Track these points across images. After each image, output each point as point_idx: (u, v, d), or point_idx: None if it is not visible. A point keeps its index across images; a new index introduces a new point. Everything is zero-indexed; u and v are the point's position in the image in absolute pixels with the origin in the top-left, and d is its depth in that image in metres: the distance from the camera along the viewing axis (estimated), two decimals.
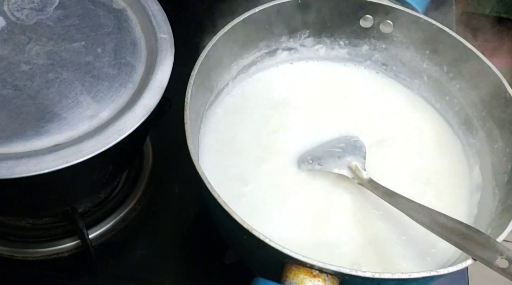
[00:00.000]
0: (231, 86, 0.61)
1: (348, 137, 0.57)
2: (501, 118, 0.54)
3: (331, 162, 0.53)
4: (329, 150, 0.55)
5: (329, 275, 0.39)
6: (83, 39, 0.48)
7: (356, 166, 0.53)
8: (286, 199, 0.52)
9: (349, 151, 0.54)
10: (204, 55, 0.51)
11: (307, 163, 0.54)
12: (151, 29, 0.50)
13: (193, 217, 0.62)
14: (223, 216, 0.41)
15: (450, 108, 0.61)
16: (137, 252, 0.58)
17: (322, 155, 0.54)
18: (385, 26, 0.61)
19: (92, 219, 0.58)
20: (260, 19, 0.57)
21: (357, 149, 0.55)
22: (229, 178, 0.53)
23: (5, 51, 0.46)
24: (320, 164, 0.53)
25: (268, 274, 0.40)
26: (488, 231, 0.48)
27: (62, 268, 0.56)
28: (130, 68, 0.48)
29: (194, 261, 0.59)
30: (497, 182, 0.52)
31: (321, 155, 0.54)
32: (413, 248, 0.50)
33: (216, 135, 0.57)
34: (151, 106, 0.45)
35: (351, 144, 0.56)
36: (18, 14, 0.49)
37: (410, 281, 0.40)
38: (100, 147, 0.41)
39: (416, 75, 0.63)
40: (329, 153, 0.55)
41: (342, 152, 0.54)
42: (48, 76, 0.45)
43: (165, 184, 0.64)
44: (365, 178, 0.52)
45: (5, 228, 0.57)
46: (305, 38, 0.63)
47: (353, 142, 0.56)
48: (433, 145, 0.59)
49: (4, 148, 0.40)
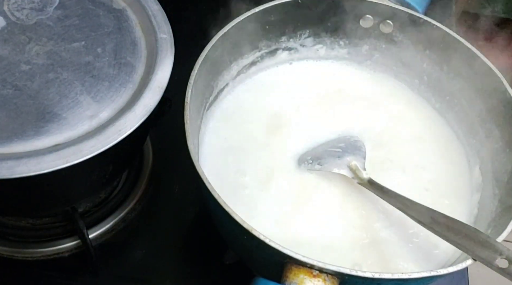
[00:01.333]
0: (231, 86, 0.61)
1: (348, 137, 0.57)
2: (501, 119, 0.54)
3: (331, 161, 0.53)
4: (329, 150, 0.55)
5: (329, 275, 0.39)
6: (83, 39, 0.48)
7: (356, 166, 0.53)
8: (286, 200, 0.52)
9: (349, 150, 0.54)
10: (204, 55, 0.51)
11: (306, 163, 0.54)
12: (151, 29, 0.50)
13: (193, 217, 0.62)
14: (223, 216, 0.41)
15: (450, 108, 0.61)
16: (137, 252, 0.58)
17: (322, 154, 0.55)
18: (385, 26, 0.61)
19: (92, 219, 0.58)
20: (260, 19, 0.57)
21: (357, 148, 0.55)
22: (229, 178, 0.53)
23: (5, 51, 0.46)
24: (320, 163, 0.53)
25: (268, 274, 0.40)
26: (488, 231, 0.48)
27: (62, 268, 0.56)
28: (130, 68, 0.48)
29: (194, 261, 0.59)
30: (497, 182, 0.52)
31: (321, 154, 0.55)
32: (414, 249, 0.50)
33: (216, 135, 0.57)
34: (151, 106, 0.45)
35: (351, 144, 0.56)
36: (18, 14, 0.49)
37: (410, 281, 0.40)
38: (100, 147, 0.41)
39: (416, 75, 0.63)
40: (329, 152, 0.55)
41: (342, 152, 0.54)
42: (48, 76, 0.45)
43: (165, 184, 0.64)
44: (364, 177, 0.52)
45: (5, 228, 0.57)
46: (305, 38, 0.63)
47: (353, 142, 0.56)
48: (433, 145, 0.59)
49: (4, 148, 0.40)
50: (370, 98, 0.62)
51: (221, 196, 0.41)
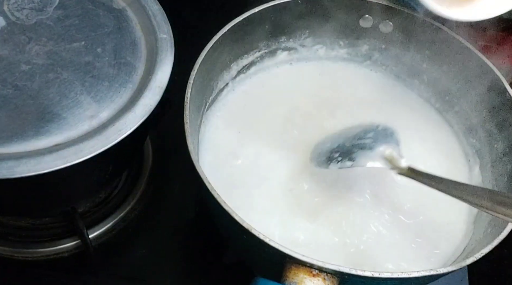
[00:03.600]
0: (231, 86, 0.61)
1: (375, 126, 0.53)
2: (501, 118, 0.54)
3: (362, 155, 0.49)
4: (357, 143, 0.51)
5: (329, 275, 0.39)
6: (83, 39, 0.48)
7: (392, 155, 0.48)
8: (286, 200, 0.52)
9: (380, 139, 0.50)
10: (204, 55, 0.51)
11: (335, 161, 0.50)
12: (151, 29, 0.50)
13: (193, 217, 0.62)
14: (223, 216, 0.41)
15: (450, 108, 0.61)
16: (137, 252, 0.58)
17: (351, 148, 0.50)
18: (385, 26, 0.61)
19: (92, 219, 0.58)
20: (260, 19, 0.57)
21: (388, 136, 0.50)
22: (229, 178, 0.53)
23: (5, 51, 0.46)
24: (352, 159, 0.49)
25: (268, 274, 0.40)
26: (488, 230, 0.48)
27: (62, 268, 0.56)
28: (130, 68, 0.48)
29: (194, 261, 0.59)
30: (497, 182, 0.52)
31: (350, 149, 0.50)
32: (415, 249, 0.50)
33: (216, 135, 0.57)
34: (151, 106, 0.45)
35: (380, 132, 0.51)
36: (18, 14, 0.49)
37: (410, 280, 0.40)
38: (100, 147, 0.41)
39: (416, 75, 0.63)
40: (359, 145, 0.50)
41: (373, 142, 0.50)
42: (48, 76, 0.45)
43: (165, 184, 0.64)
44: (403, 166, 0.48)
45: (5, 228, 0.57)
46: (305, 38, 0.63)
47: (382, 130, 0.52)
48: (433, 145, 0.59)
49: (4, 148, 0.40)
50: (369, 99, 0.62)
51: (220, 196, 0.41)
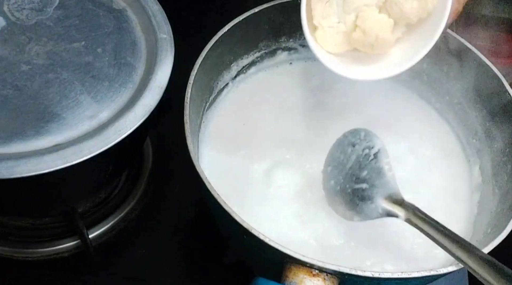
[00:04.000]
0: (230, 86, 0.61)
1: (366, 156, 0.48)
2: (501, 118, 0.54)
3: (366, 208, 0.45)
4: (356, 188, 0.47)
5: (329, 275, 0.39)
6: (83, 39, 0.48)
7: (393, 203, 0.44)
8: (286, 201, 0.52)
9: (376, 182, 0.46)
10: (204, 55, 0.51)
11: (342, 209, 0.47)
12: (151, 29, 0.50)
13: (193, 217, 0.62)
14: (223, 216, 0.41)
15: (450, 108, 0.61)
16: (137, 252, 0.58)
17: (353, 198, 0.47)
18: None
19: (92, 219, 0.58)
20: (260, 19, 0.57)
21: (382, 174, 0.46)
22: (229, 178, 0.53)
23: (5, 51, 0.46)
24: (358, 212, 0.46)
25: (268, 274, 0.40)
26: (488, 230, 0.48)
27: (62, 268, 0.56)
28: (130, 68, 0.48)
29: (194, 261, 0.59)
30: (497, 181, 0.52)
31: (352, 198, 0.47)
32: (415, 249, 0.50)
33: (216, 135, 0.57)
34: (151, 106, 0.45)
35: (374, 169, 0.47)
36: (18, 14, 0.49)
37: (410, 280, 0.40)
38: (100, 147, 0.41)
39: (416, 75, 0.63)
40: (358, 194, 0.46)
41: (369, 188, 0.46)
42: (48, 76, 0.45)
43: (165, 184, 0.64)
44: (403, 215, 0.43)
45: (5, 228, 0.57)
46: (305, 38, 0.63)
47: (374, 164, 0.47)
48: (433, 145, 0.59)
49: (4, 148, 0.40)
50: (369, 99, 0.62)
51: (220, 196, 0.41)
